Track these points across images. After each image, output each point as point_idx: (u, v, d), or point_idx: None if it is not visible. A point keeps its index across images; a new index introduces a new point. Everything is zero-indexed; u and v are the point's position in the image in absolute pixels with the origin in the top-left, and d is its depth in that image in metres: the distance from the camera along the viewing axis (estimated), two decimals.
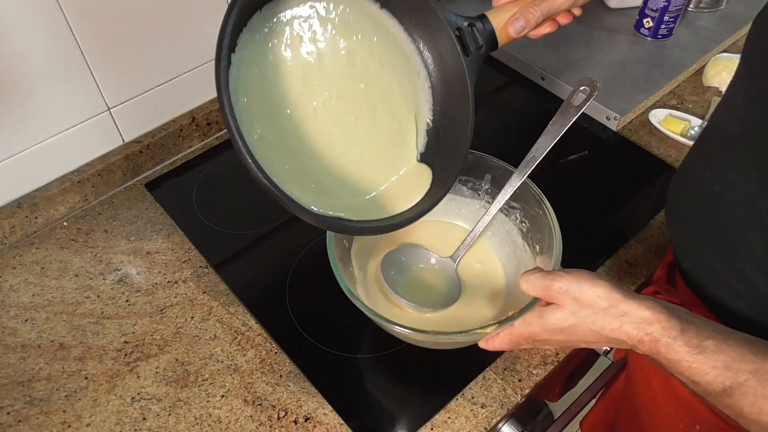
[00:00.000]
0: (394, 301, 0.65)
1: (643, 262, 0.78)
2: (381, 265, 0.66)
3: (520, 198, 0.67)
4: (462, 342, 0.60)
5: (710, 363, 0.45)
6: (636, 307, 0.48)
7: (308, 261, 0.79)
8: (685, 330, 0.47)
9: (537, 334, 0.54)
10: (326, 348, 0.70)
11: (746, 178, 0.54)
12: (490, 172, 0.70)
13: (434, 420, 0.65)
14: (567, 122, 0.61)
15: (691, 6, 1.08)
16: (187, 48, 0.86)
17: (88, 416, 0.66)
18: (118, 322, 0.74)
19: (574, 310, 0.51)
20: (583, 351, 0.85)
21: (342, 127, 0.58)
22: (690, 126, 0.92)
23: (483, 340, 0.58)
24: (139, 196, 0.87)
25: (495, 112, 0.98)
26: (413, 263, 0.69)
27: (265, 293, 0.76)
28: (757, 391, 0.44)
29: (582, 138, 0.93)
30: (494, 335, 0.58)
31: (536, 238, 0.67)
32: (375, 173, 0.61)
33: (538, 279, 0.52)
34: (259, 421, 0.65)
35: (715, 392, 0.46)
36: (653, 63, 1.00)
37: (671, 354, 0.47)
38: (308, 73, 0.55)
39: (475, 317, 0.67)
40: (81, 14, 0.73)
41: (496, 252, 0.73)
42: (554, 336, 0.54)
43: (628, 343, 0.50)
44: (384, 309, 0.66)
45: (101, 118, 0.83)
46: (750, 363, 0.45)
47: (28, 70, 0.73)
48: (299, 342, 0.71)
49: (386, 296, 0.67)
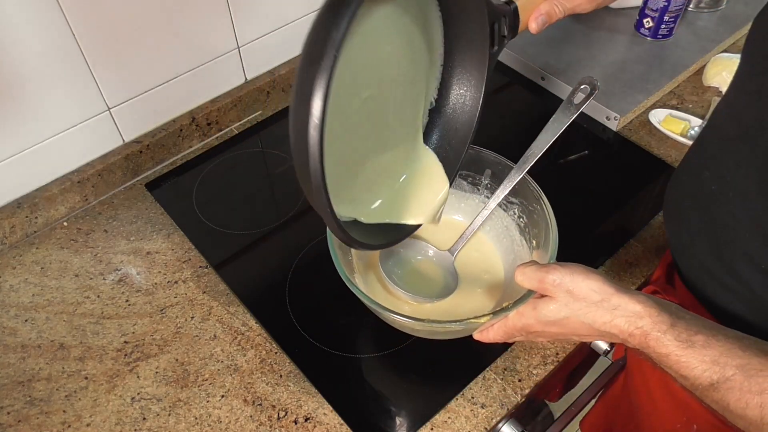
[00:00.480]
0: (392, 291, 0.65)
1: (643, 262, 0.78)
2: (380, 256, 0.66)
3: (519, 193, 0.68)
4: (456, 332, 0.61)
5: (698, 357, 0.46)
6: (627, 301, 0.49)
7: (308, 261, 0.79)
8: (675, 324, 0.47)
9: (530, 325, 0.55)
10: (326, 348, 0.70)
11: (744, 177, 0.54)
12: (490, 168, 0.70)
13: (434, 420, 0.65)
14: (567, 120, 0.62)
15: (691, 6, 1.08)
16: (187, 48, 0.86)
17: (88, 416, 0.66)
18: (118, 322, 0.74)
19: (567, 302, 0.51)
20: (583, 351, 0.85)
21: (372, 126, 0.55)
22: (690, 126, 0.92)
23: (477, 331, 0.59)
24: (139, 196, 0.87)
25: (495, 112, 0.98)
26: (411, 255, 0.69)
27: (265, 293, 0.76)
28: (743, 386, 0.44)
29: (582, 138, 0.93)
30: (488, 326, 0.58)
31: (533, 233, 0.67)
32: (393, 167, 0.59)
33: (532, 271, 0.53)
34: (259, 421, 0.65)
35: (702, 387, 0.46)
36: (653, 63, 1.00)
37: (660, 348, 0.47)
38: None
39: (472, 309, 0.67)
40: (81, 14, 0.73)
41: (494, 246, 0.73)
42: (547, 328, 0.54)
43: (619, 337, 0.50)
44: (382, 299, 0.66)
45: (101, 118, 0.83)
46: (737, 358, 0.45)
47: (28, 70, 0.73)
48: (299, 342, 0.71)
49: (384, 287, 0.68)
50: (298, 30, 0.98)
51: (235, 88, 0.96)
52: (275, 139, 0.95)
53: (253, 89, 0.96)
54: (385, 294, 0.68)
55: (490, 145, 0.95)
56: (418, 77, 0.57)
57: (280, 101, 1.00)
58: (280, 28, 0.95)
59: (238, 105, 0.95)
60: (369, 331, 0.73)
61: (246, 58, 0.94)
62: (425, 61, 0.57)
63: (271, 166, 0.91)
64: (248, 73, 0.96)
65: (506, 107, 1.00)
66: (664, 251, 0.78)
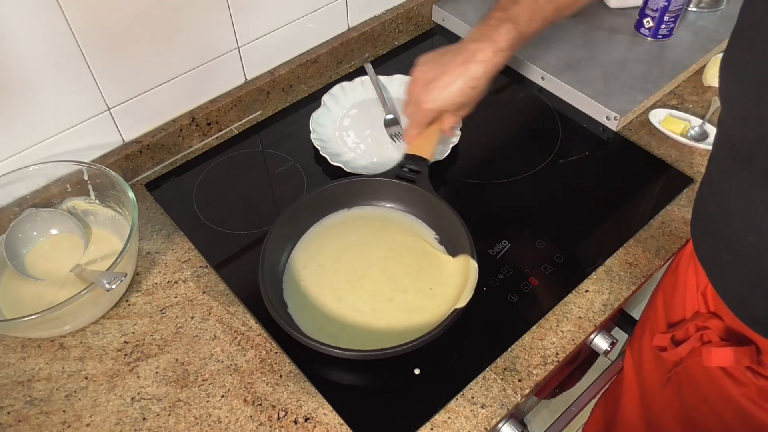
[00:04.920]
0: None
1: (643, 262, 0.78)
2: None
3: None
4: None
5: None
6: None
7: None
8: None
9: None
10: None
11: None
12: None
13: (434, 420, 0.65)
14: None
15: (691, 6, 1.08)
16: (187, 48, 0.86)
17: (88, 416, 0.66)
18: (118, 322, 0.74)
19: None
20: (583, 351, 0.85)
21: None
22: (690, 126, 0.92)
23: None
24: (139, 196, 0.87)
25: (495, 112, 0.98)
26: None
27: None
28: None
29: (582, 138, 0.93)
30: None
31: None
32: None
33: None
34: (259, 421, 0.65)
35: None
36: (653, 63, 1.00)
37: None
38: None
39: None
40: (81, 14, 0.73)
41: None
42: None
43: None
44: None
45: (101, 118, 0.83)
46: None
47: (28, 70, 0.73)
48: (299, 342, 0.71)
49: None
50: (298, 30, 0.98)
51: (235, 88, 0.96)
52: (275, 139, 0.95)
53: (253, 89, 0.96)
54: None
55: (490, 144, 0.96)
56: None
57: (280, 101, 1.00)
58: (280, 28, 0.95)
59: (238, 105, 0.95)
60: None
61: (246, 58, 0.94)
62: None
63: (271, 166, 0.91)
64: (248, 73, 0.96)
65: (506, 107, 1.00)
66: (665, 251, 0.78)
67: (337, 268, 0.74)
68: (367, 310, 0.70)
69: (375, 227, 0.78)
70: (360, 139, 0.92)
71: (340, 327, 0.69)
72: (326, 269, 0.74)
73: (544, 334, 0.71)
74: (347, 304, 0.71)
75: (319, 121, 0.93)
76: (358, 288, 0.72)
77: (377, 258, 0.75)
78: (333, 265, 0.74)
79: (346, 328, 0.69)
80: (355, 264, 0.74)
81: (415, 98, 0.75)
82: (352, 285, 0.73)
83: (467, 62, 0.70)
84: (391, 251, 0.76)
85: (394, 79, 0.99)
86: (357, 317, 0.70)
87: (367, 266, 0.74)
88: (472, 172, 0.89)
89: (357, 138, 0.92)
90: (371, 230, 0.78)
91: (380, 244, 0.76)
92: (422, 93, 0.73)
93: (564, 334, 0.71)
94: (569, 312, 0.73)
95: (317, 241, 0.77)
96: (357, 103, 0.98)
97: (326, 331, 0.69)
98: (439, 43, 1.11)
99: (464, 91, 0.72)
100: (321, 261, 0.75)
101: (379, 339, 0.68)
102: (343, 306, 0.71)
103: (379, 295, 0.71)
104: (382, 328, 0.69)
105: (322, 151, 0.88)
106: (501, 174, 0.88)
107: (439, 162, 0.87)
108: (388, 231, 0.78)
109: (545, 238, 0.80)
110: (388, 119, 0.93)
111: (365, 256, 0.75)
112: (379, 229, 0.78)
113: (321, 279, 0.73)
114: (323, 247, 0.77)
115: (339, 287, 0.72)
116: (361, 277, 0.73)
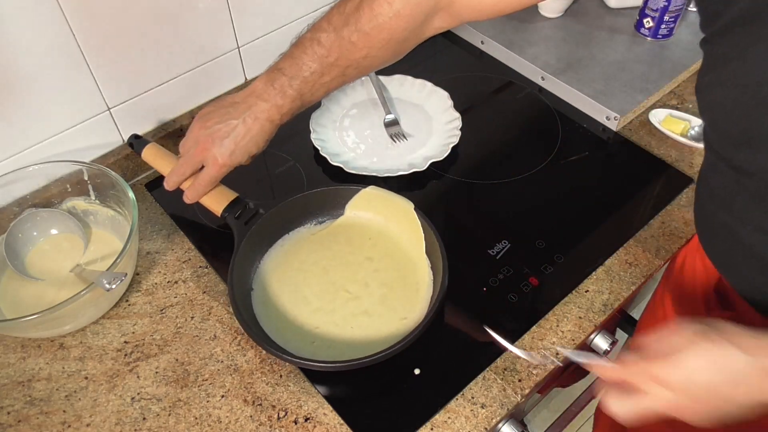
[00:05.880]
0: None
1: (643, 262, 0.78)
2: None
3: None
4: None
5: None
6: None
7: None
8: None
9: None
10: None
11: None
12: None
13: (434, 420, 0.65)
14: None
15: (691, 6, 1.08)
16: (187, 48, 0.86)
17: (88, 416, 0.66)
18: (118, 322, 0.74)
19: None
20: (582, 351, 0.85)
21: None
22: (690, 126, 0.92)
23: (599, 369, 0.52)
24: (139, 196, 0.87)
25: (495, 113, 0.98)
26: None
27: None
28: None
29: (582, 138, 0.93)
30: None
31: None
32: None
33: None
34: (259, 421, 0.65)
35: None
36: (653, 63, 1.00)
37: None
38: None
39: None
40: (81, 14, 0.73)
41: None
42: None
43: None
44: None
45: (101, 118, 0.83)
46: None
47: (29, 70, 0.73)
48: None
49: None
50: (298, 30, 0.97)
51: (235, 88, 0.95)
52: (275, 139, 0.95)
53: None
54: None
55: (490, 144, 0.96)
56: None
57: None
58: (280, 28, 0.95)
59: None
60: None
61: (246, 58, 0.94)
62: None
63: (271, 166, 0.91)
64: (248, 73, 0.96)
65: (506, 107, 1.00)
66: (665, 251, 0.78)
67: (307, 279, 0.74)
68: (340, 320, 0.71)
69: (347, 236, 0.79)
70: (360, 139, 0.92)
71: (318, 338, 0.70)
72: (297, 280, 0.74)
73: (544, 334, 0.71)
74: (321, 313, 0.71)
75: (319, 121, 0.93)
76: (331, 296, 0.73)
77: (353, 264, 0.75)
78: (301, 275, 0.75)
79: (324, 338, 0.69)
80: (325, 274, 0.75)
81: (211, 156, 0.74)
82: (324, 293, 0.73)
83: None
84: (366, 259, 0.76)
85: (394, 79, 0.99)
86: (331, 329, 0.70)
87: (340, 275, 0.75)
88: (472, 172, 0.89)
89: (357, 138, 0.92)
90: (344, 239, 0.79)
91: (356, 252, 0.77)
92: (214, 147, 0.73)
93: (564, 334, 0.71)
94: (569, 312, 0.73)
95: (284, 255, 0.77)
96: (357, 103, 0.98)
97: (306, 343, 0.69)
98: (438, 41, 1.11)
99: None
100: (289, 273, 0.75)
101: (356, 348, 0.68)
102: (317, 317, 0.71)
103: (352, 306, 0.72)
104: (358, 338, 0.69)
105: (322, 151, 0.88)
106: (501, 174, 0.88)
107: (439, 162, 0.87)
108: (362, 239, 0.78)
109: (545, 238, 0.80)
110: (388, 119, 0.93)
111: (335, 266, 0.76)
112: (354, 237, 0.78)
113: (293, 290, 0.73)
114: (289, 259, 0.77)
115: (310, 298, 0.73)
116: (333, 285, 0.74)
